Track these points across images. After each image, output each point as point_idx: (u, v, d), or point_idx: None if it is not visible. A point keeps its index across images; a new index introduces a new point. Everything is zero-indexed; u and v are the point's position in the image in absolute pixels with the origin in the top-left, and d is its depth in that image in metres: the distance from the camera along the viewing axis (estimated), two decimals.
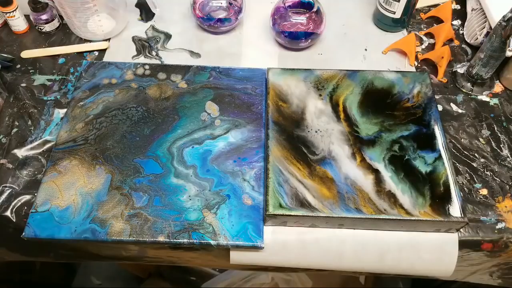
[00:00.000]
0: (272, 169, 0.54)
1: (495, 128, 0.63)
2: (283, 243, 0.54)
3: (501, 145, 0.62)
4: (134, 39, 0.74)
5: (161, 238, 0.51)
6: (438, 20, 0.77)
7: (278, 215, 0.51)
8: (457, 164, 0.60)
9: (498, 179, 0.58)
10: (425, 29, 0.77)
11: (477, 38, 0.71)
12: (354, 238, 0.54)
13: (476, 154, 0.61)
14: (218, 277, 1.14)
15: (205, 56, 0.72)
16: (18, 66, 0.70)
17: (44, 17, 0.72)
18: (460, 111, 0.65)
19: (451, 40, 0.75)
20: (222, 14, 0.72)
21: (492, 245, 0.55)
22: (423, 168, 0.55)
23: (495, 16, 0.66)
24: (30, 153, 0.60)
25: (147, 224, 0.52)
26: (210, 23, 0.73)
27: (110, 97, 0.63)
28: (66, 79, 0.68)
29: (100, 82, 0.65)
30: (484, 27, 0.70)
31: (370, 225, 0.53)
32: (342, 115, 0.60)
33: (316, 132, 0.58)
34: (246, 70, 0.66)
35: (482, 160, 0.60)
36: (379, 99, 0.62)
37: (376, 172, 0.54)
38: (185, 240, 0.51)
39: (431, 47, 0.74)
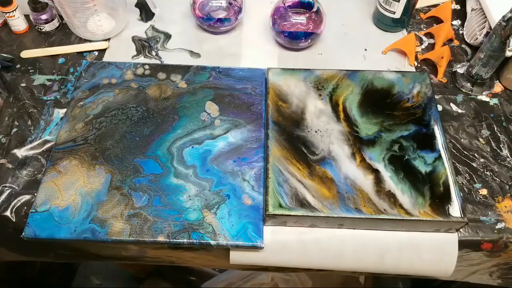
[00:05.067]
0: (272, 169, 0.54)
1: (495, 128, 0.63)
2: (283, 243, 0.54)
3: (500, 145, 0.62)
4: (134, 39, 0.74)
5: (161, 238, 0.51)
6: (438, 20, 0.77)
7: (278, 215, 0.51)
8: (457, 164, 0.60)
9: (497, 179, 0.58)
10: (425, 29, 0.77)
11: (477, 38, 0.71)
12: (354, 238, 0.54)
13: (476, 154, 0.61)
14: (218, 277, 1.14)
15: (205, 56, 0.72)
16: (18, 66, 0.70)
17: (44, 17, 0.72)
18: (460, 111, 0.65)
19: (451, 40, 0.75)
20: (222, 14, 0.72)
21: (492, 245, 0.55)
22: (423, 168, 0.55)
23: (495, 16, 0.66)
24: (30, 153, 0.60)
25: (147, 224, 0.52)
26: (210, 23, 0.73)
27: (110, 97, 0.63)
28: (66, 79, 0.68)
29: (100, 82, 0.65)
30: (484, 27, 0.70)
31: (370, 225, 0.53)
32: (342, 115, 0.60)
33: (316, 132, 0.58)
34: (246, 70, 0.66)
35: (482, 160, 0.60)
36: (379, 99, 0.62)
37: (376, 172, 0.54)
38: (185, 240, 0.51)
39: (431, 47, 0.74)
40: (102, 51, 0.72)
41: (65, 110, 0.63)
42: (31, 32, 0.75)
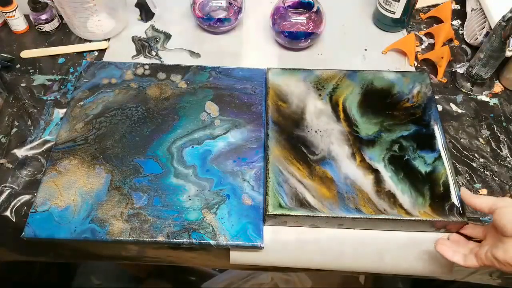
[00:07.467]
0: (272, 169, 0.54)
1: (495, 128, 0.63)
2: (283, 243, 0.54)
3: (500, 145, 0.62)
4: (134, 39, 0.74)
5: (160, 238, 0.51)
6: (438, 20, 0.77)
7: (278, 215, 0.51)
8: (457, 164, 0.60)
9: (497, 179, 0.58)
10: (425, 29, 0.77)
11: (477, 38, 0.71)
12: (354, 238, 0.54)
13: (475, 154, 0.61)
14: (218, 277, 1.14)
15: (205, 56, 0.72)
16: (18, 66, 0.70)
17: (43, 17, 0.72)
18: (459, 111, 0.65)
19: (451, 40, 0.75)
20: (222, 14, 0.72)
21: None
22: (423, 168, 0.55)
23: (495, 16, 0.66)
24: (30, 153, 0.60)
25: (147, 224, 0.52)
26: (210, 23, 0.73)
27: (109, 97, 0.63)
28: (65, 79, 0.68)
29: (100, 82, 0.65)
30: (484, 27, 0.70)
31: (370, 225, 0.53)
32: (342, 115, 0.60)
33: (316, 132, 0.58)
34: (246, 70, 0.66)
35: (482, 160, 0.60)
36: (379, 99, 0.62)
37: (375, 172, 0.54)
38: (185, 240, 0.51)
39: (431, 47, 0.74)
40: (102, 51, 0.72)
41: (65, 110, 0.63)
42: (31, 32, 0.75)
